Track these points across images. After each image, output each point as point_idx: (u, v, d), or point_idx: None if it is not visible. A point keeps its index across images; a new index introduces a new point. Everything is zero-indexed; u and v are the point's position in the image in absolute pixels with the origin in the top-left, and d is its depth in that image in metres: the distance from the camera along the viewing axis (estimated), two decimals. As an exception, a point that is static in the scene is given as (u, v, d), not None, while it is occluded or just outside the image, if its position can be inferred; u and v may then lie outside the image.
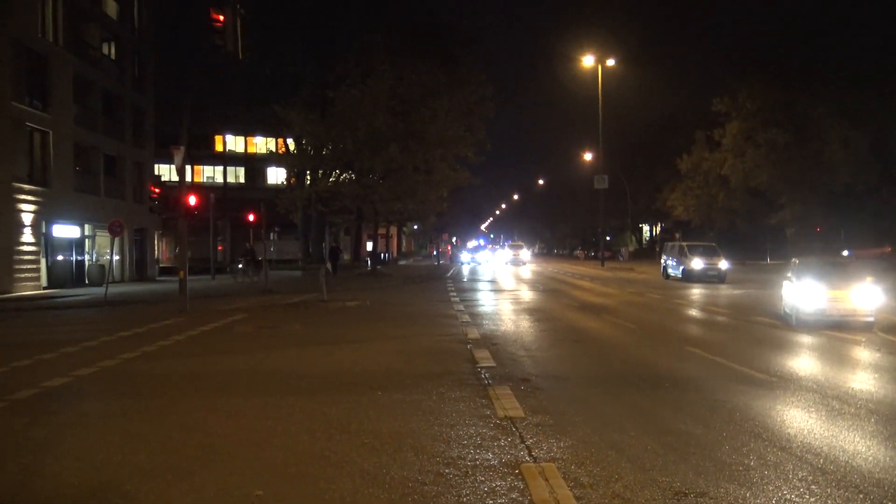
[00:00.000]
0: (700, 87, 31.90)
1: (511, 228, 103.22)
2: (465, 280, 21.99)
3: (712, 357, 6.00)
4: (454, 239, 73.41)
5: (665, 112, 35.24)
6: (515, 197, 78.19)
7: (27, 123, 15.59)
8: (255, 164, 37.11)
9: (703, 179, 30.94)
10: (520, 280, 21.76)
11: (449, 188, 23.96)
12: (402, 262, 40.33)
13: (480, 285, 18.51)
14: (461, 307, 11.10)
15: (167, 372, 5.35)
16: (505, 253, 41.73)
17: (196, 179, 35.67)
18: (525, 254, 40.14)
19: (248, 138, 37.94)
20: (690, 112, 32.02)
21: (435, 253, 40.68)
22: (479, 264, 38.63)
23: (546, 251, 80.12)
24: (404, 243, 58.21)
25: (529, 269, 32.85)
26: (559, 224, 63.42)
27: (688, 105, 32.54)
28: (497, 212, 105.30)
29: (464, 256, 40.29)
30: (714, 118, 28.99)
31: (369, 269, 24.52)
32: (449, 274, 25.74)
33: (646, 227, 50.35)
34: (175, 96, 16.73)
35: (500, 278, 23.07)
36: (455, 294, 14.31)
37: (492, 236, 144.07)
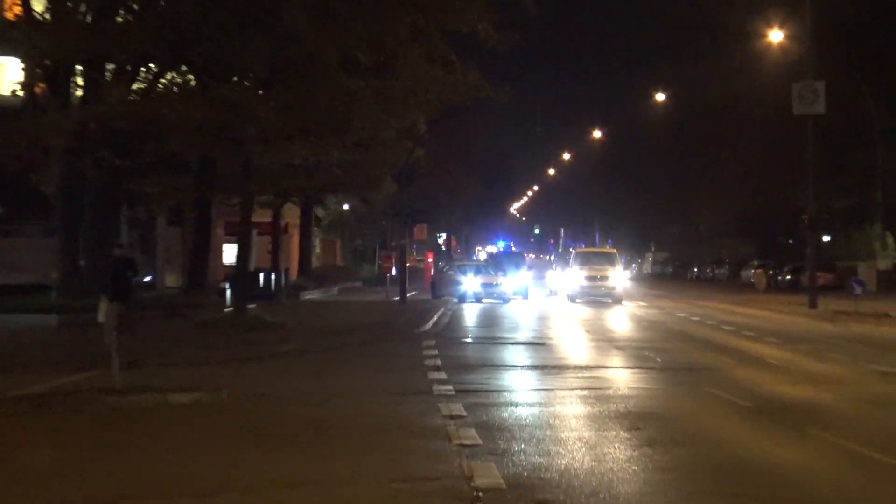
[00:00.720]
0: None
1: (579, 218, 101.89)
2: (467, 339, 21.67)
3: None
4: (443, 239, 70.82)
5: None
6: (597, 134, 78.36)
7: None
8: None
9: None
10: (606, 339, 21.55)
11: (430, 109, 24.39)
12: (309, 295, 40.60)
13: (507, 352, 18.51)
14: (457, 407, 11.14)
15: None
16: (570, 275, 41.99)
17: None
18: (618, 277, 40.73)
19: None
20: None
21: (394, 274, 40.94)
22: (505, 301, 38.90)
23: (672, 269, 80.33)
24: (318, 249, 57.90)
25: (629, 311, 32.23)
26: (702, 207, 63.26)
27: None
28: (551, 172, 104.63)
29: (467, 282, 40.17)
30: None
31: (232, 308, 24.87)
32: (429, 325, 25.30)
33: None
34: None
35: (557, 334, 22.58)
36: (443, 374, 14.35)
37: (536, 232, 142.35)
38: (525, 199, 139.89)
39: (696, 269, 75.18)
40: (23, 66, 25.61)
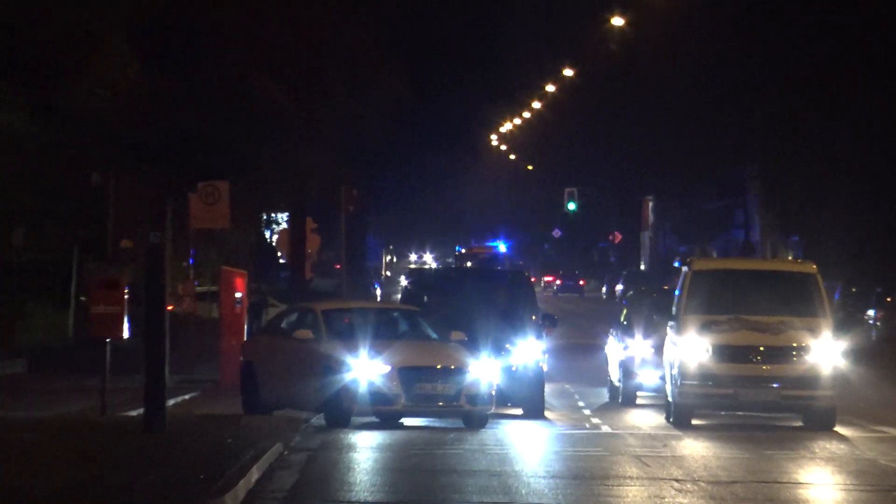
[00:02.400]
0: None
1: (694, 168, 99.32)
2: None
3: None
4: (279, 230, 71.85)
5: None
6: None
7: None
8: None
9: None
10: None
11: None
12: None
13: None
14: None
15: None
16: (675, 343, 38.96)
17: None
18: (823, 348, 39.46)
19: None
20: None
21: (127, 336, 39.84)
22: (473, 421, 38.13)
23: None
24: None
25: (857, 456, 31.11)
26: None
27: None
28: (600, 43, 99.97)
29: (357, 366, 37.23)
30: None
31: None
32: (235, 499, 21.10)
33: None
34: None
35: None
36: None
37: (571, 209, 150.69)
38: (528, 114, 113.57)
39: None
40: None
